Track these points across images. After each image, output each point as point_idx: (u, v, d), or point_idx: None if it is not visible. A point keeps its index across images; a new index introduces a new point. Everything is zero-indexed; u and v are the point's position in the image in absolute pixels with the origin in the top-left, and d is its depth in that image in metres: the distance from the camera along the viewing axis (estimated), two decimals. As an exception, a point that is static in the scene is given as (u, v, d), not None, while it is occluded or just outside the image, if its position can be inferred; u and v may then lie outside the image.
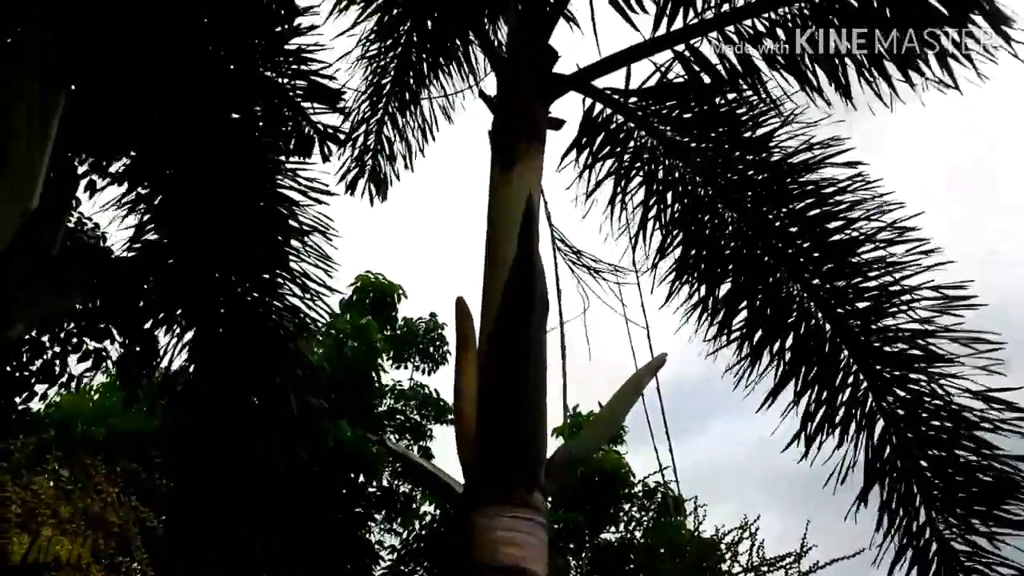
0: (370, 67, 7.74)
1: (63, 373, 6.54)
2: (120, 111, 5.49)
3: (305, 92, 5.70)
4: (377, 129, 8.14)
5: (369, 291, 15.65)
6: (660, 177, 6.26)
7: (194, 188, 5.98)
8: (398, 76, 7.74)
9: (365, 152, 8.19)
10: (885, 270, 5.37)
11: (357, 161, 8.20)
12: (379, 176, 8.31)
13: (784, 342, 5.82)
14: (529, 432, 4.16)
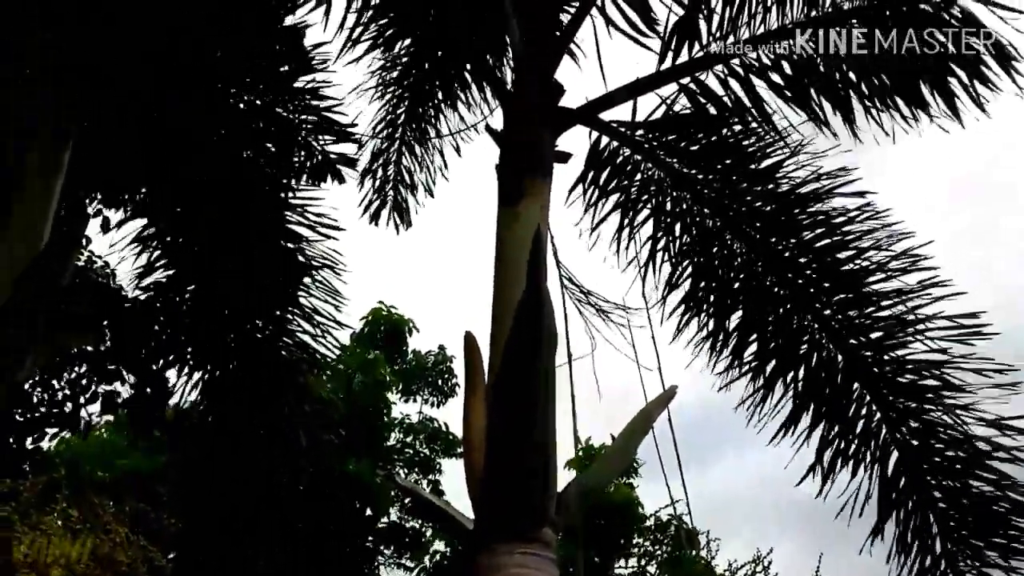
0: (385, 98, 7.79)
1: (74, 416, 6.53)
2: (130, 148, 5.52)
3: (315, 126, 5.75)
4: (396, 159, 8.19)
5: (380, 324, 15.66)
6: (668, 209, 6.25)
7: (204, 225, 6.00)
8: (412, 107, 7.79)
9: (386, 183, 8.26)
10: (896, 300, 5.35)
11: (378, 192, 8.27)
12: (401, 206, 8.36)
13: (796, 373, 5.80)
14: (539, 467, 4.13)
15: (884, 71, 5.41)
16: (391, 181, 8.24)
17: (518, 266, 4.67)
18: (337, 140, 5.87)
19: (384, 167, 8.18)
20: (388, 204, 8.30)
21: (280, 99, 5.65)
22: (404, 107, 7.78)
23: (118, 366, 6.37)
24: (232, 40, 5.27)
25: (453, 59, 7.22)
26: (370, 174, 8.15)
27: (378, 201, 8.27)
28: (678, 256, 6.29)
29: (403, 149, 8.12)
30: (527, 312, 4.43)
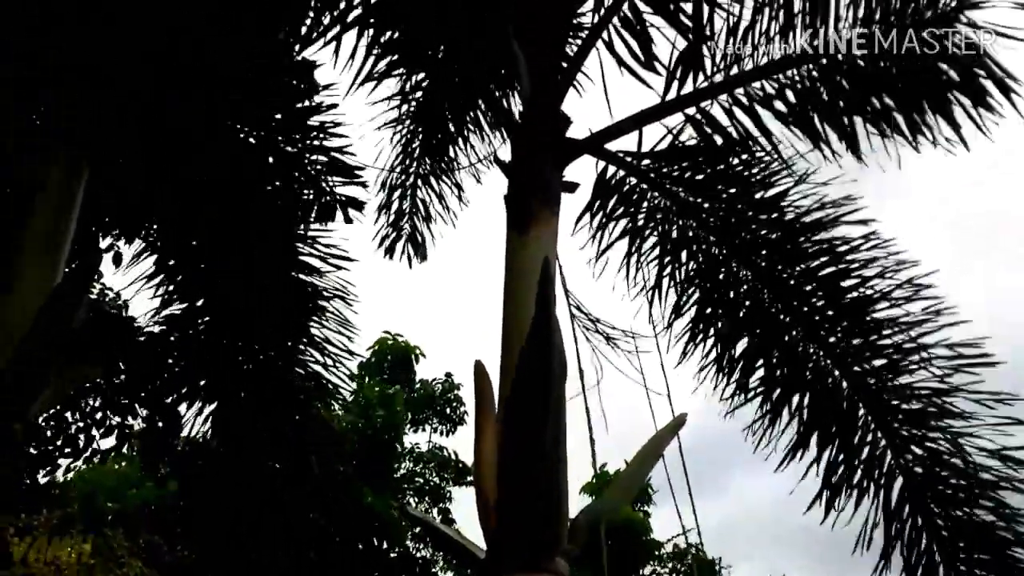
0: (399, 132, 7.88)
1: (87, 448, 6.57)
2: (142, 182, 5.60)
3: (326, 167, 5.83)
4: (411, 192, 8.27)
5: (387, 353, 15.69)
6: (674, 237, 6.30)
7: (216, 258, 6.06)
8: (426, 140, 7.88)
9: (401, 216, 8.34)
10: (901, 328, 5.39)
11: (394, 226, 8.34)
12: (416, 239, 8.44)
13: (802, 400, 5.83)
14: (551, 496, 4.15)
15: (888, 96, 5.47)
16: (406, 214, 8.31)
17: (527, 295, 4.71)
18: (346, 182, 5.95)
19: (400, 200, 8.26)
20: (403, 237, 8.38)
21: (291, 138, 5.74)
22: (419, 141, 7.87)
23: (131, 399, 6.43)
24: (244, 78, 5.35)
25: (463, 93, 7.30)
26: (385, 208, 8.25)
27: (393, 234, 8.35)
28: (684, 283, 6.34)
29: (418, 182, 8.20)
30: (537, 340, 4.47)
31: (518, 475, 4.21)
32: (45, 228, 4.72)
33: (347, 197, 5.96)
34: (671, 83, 5.76)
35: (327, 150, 5.87)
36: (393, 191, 8.23)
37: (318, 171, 5.86)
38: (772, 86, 5.65)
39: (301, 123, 5.73)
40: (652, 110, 5.71)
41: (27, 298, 4.52)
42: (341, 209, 5.91)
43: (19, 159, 4.95)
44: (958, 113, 5.31)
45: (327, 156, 5.86)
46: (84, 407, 6.57)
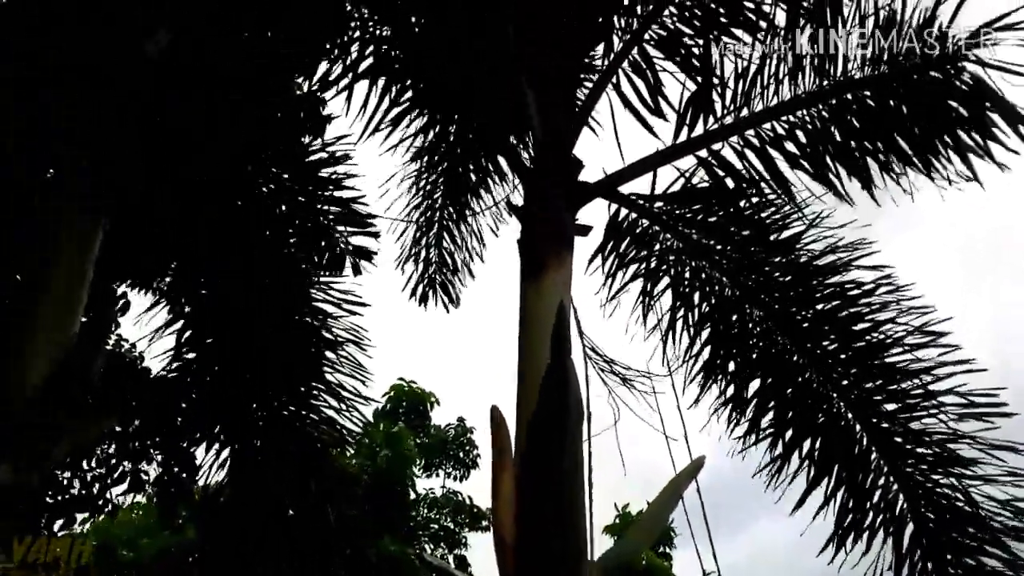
0: (420, 183, 7.95)
1: (100, 497, 6.56)
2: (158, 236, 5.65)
3: (338, 217, 5.88)
4: (437, 242, 8.32)
5: (402, 400, 15.67)
6: (687, 278, 6.31)
7: (231, 306, 6.09)
8: (447, 190, 7.94)
9: (428, 266, 8.39)
10: (914, 373, 5.38)
11: (423, 275, 8.40)
12: (447, 286, 8.49)
13: (814, 442, 5.81)
14: (570, 539, 4.14)
15: (899, 135, 5.49)
16: (433, 264, 8.37)
17: (542, 339, 4.73)
18: (359, 232, 6.01)
19: (427, 249, 8.32)
20: (434, 286, 8.44)
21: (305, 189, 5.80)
22: (440, 191, 7.94)
23: (145, 445, 6.43)
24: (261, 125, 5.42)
25: (478, 141, 7.36)
26: (412, 257, 8.31)
27: (424, 282, 8.40)
28: (697, 324, 6.33)
29: (443, 233, 8.26)
30: (553, 384, 4.48)
31: (536, 518, 4.19)
32: (63, 278, 4.75)
33: (356, 247, 6.01)
34: (682, 125, 5.80)
35: (340, 201, 5.93)
36: (419, 241, 8.29)
37: (330, 221, 5.91)
38: (783, 127, 5.68)
39: (314, 174, 5.79)
40: (663, 152, 5.75)
41: (44, 348, 4.54)
42: (351, 259, 5.96)
43: (35, 191, 5.00)
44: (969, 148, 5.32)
45: (340, 206, 5.92)
46: (99, 455, 6.57)
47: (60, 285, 4.73)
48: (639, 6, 6.05)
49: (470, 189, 7.93)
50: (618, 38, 6.16)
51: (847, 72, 5.47)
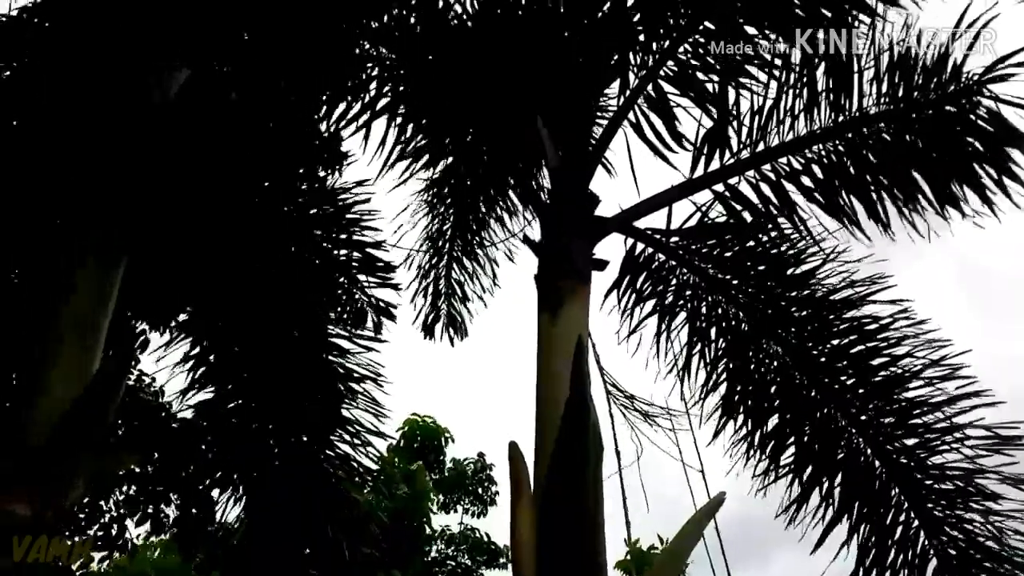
0: (432, 215, 7.99)
1: (120, 536, 6.56)
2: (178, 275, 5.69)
3: (359, 263, 5.91)
4: (446, 273, 8.34)
5: (416, 435, 15.62)
6: (703, 313, 6.29)
7: (248, 345, 6.11)
8: (457, 222, 7.97)
9: (438, 297, 8.40)
10: (933, 407, 5.35)
11: (432, 306, 8.40)
12: (455, 318, 8.49)
13: (834, 479, 5.76)
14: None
15: (915, 169, 5.50)
16: (442, 295, 8.38)
17: (561, 374, 4.72)
18: (379, 283, 6.04)
19: (435, 282, 8.34)
20: (442, 318, 8.44)
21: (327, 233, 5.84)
22: (450, 223, 7.98)
23: (165, 486, 6.43)
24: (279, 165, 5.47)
25: (493, 174, 7.40)
26: (422, 290, 8.33)
27: (432, 314, 8.41)
28: (715, 359, 6.30)
29: (452, 263, 8.28)
30: (572, 420, 4.46)
31: (556, 557, 4.16)
32: (82, 315, 4.78)
33: (379, 302, 6.04)
34: (698, 160, 5.83)
35: (360, 244, 5.96)
36: (428, 272, 8.32)
37: (351, 266, 5.94)
38: (799, 161, 5.70)
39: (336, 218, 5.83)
40: (680, 187, 5.78)
41: (64, 385, 4.56)
42: (373, 315, 5.98)
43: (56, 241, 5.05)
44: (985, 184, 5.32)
45: (360, 251, 5.95)
46: (118, 495, 6.57)
47: (79, 322, 4.76)
48: (655, 43, 6.09)
49: (481, 222, 7.96)
50: (634, 74, 6.19)
51: (862, 107, 5.50)
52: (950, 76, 5.24)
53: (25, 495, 4.17)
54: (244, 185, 5.44)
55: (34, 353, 4.69)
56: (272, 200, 5.70)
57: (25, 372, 4.68)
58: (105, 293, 4.88)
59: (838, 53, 5.47)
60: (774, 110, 5.66)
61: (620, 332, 6.54)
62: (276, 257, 5.78)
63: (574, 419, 4.45)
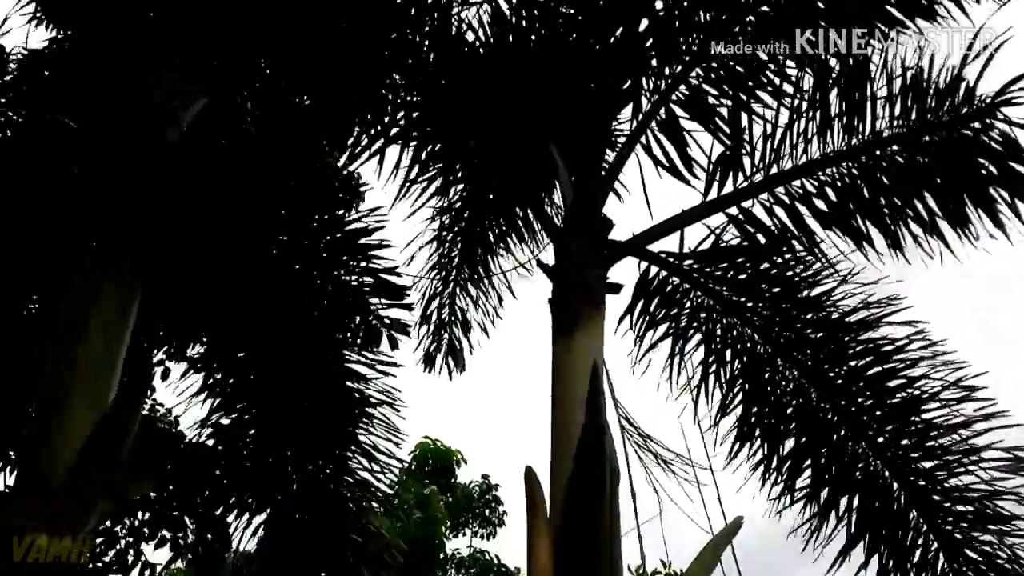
0: (439, 241, 7.99)
1: (136, 563, 6.56)
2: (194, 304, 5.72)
3: (372, 288, 5.93)
4: (451, 302, 8.32)
5: (428, 458, 15.58)
6: (718, 335, 6.28)
7: (265, 371, 6.13)
8: (465, 248, 7.97)
9: (441, 327, 8.36)
10: (950, 429, 5.34)
11: (434, 336, 8.36)
12: (456, 348, 8.45)
13: (851, 501, 5.74)
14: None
15: (928, 192, 5.50)
16: (445, 324, 8.36)
17: (575, 400, 4.73)
18: (392, 304, 6.06)
19: (439, 309, 8.31)
20: (443, 348, 8.41)
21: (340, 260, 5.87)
22: (458, 249, 7.98)
23: (181, 512, 6.43)
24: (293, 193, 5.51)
25: (505, 200, 7.42)
26: (425, 319, 8.30)
27: (433, 344, 8.39)
28: (729, 382, 6.29)
29: (457, 291, 8.27)
30: (588, 447, 4.46)
31: (575, 582, 4.15)
32: (99, 345, 4.80)
33: (392, 320, 6.05)
34: (711, 184, 5.84)
35: (374, 271, 5.98)
36: (431, 301, 8.29)
37: (364, 292, 5.96)
38: (812, 184, 5.70)
39: (350, 246, 5.86)
40: (693, 211, 5.80)
41: (81, 415, 4.58)
42: (387, 333, 6.00)
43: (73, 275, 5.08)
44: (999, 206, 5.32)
45: (373, 277, 5.97)
46: (133, 522, 6.57)
47: (96, 352, 4.78)
48: (667, 68, 6.13)
49: (490, 249, 7.97)
50: (646, 99, 6.23)
51: (876, 130, 5.50)
52: (963, 98, 5.25)
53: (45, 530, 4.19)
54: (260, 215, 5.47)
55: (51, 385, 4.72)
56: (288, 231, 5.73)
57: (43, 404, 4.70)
58: (122, 324, 4.90)
59: (851, 76, 5.49)
60: (787, 133, 5.67)
61: (634, 355, 6.53)
62: (290, 285, 5.81)
63: (590, 446, 4.46)
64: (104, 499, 4.60)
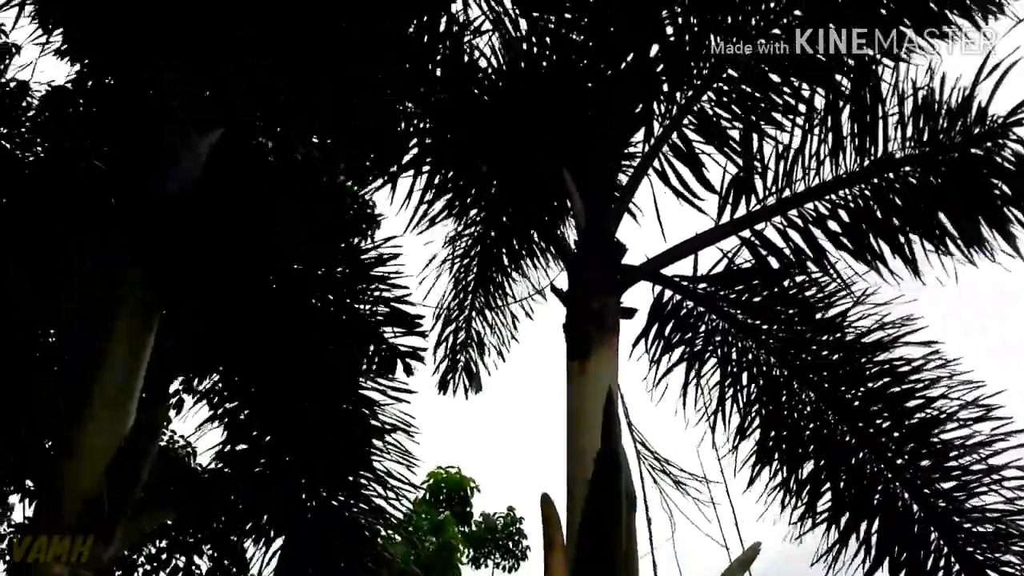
0: (455, 265, 8.00)
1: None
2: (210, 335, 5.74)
3: (386, 317, 5.94)
4: (467, 325, 8.31)
5: (442, 486, 15.48)
6: (734, 359, 6.25)
7: (278, 399, 6.13)
8: (481, 272, 7.98)
9: (457, 350, 8.35)
10: (970, 450, 5.30)
11: (450, 359, 8.35)
12: (472, 370, 8.44)
13: (871, 524, 5.69)
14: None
15: (942, 212, 5.49)
16: (461, 346, 8.35)
17: (591, 425, 4.72)
18: (407, 332, 6.06)
19: (455, 332, 8.31)
20: (459, 370, 8.39)
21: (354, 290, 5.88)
22: (473, 274, 7.99)
23: (197, 539, 6.43)
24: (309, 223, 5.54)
25: (518, 225, 7.43)
26: (443, 342, 8.30)
27: (449, 366, 8.37)
28: (746, 405, 6.26)
29: (473, 314, 8.27)
30: (604, 474, 4.43)
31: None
32: (117, 374, 4.84)
33: (407, 347, 6.05)
34: (724, 207, 5.84)
35: (388, 300, 5.99)
36: (447, 325, 8.29)
37: (378, 321, 5.97)
38: (825, 206, 5.70)
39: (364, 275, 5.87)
40: (706, 234, 5.80)
41: (99, 444, 4.60)
42: (401, 361, 6.00)
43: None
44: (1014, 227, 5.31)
45: (387, 306, 5.98)
46: (150, 549, 6.59)
47: (113, 383, 4.81)
48: (678, 93, 6.15)
49: (505, 273, 7.97)
50: (658, 123, 6.24)
51: (888, 151, 5.50)
52: (975, 119, 5.25)
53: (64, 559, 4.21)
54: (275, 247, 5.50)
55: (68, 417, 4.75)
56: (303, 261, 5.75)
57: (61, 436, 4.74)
58: (138, 355, 4.93)
59: (862, 98, 5.49)
60: (799, 156, 5.67)
61: (649, 379, 6.51)
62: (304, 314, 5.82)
63: (605, 473, 4.42)
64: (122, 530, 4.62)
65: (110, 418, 4.70)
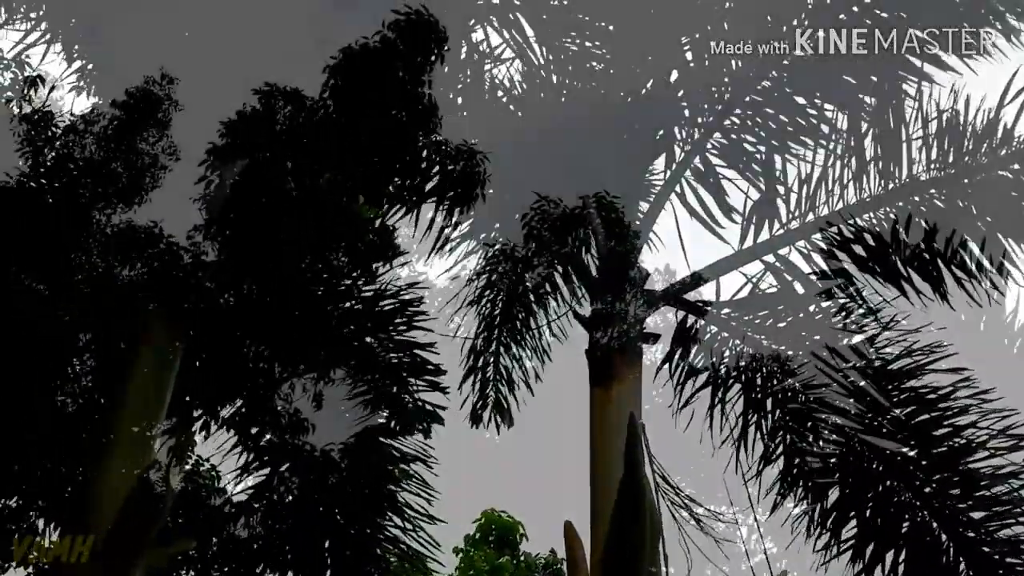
0: (481, 301, 7.96)
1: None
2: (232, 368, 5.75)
3: (408, 366, 5.92)
4: (495, 360, 8.24)
5: (492, 528, 15.38)
6: (758, 384, 6.19)
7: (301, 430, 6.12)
8: (506, 307, 7.93)
9: (486, 384, 8.26)
10: (1001, 479, 5.19)
11: (480, 394, 8.27)
12: (502, 405, 8.35)
13: (899, 554, 5.58)
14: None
15: (968, 235, 5.43)
16: (490, 382, 8.26)
17: (614, 450, 4.69)
18: (427, 387, 6.04)
19: (483, 368, 8.23)
20: (489, 405, 8.31)
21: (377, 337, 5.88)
22: (499, 308, 7.93)
23: (223, 573, 6.38)
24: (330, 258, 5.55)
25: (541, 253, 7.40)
26: (474, 371, 8.24)
27: (480, 402, 8.30)
28: (771, 431, 6.18)
29: (500, 349, 8.19)
30: (626, 502, 4.39)
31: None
32: (140, 405, 4.84)
33: (428, 407, 6.02)
34: (747, 231, 5.82)
35: (410, 346, 5.97)
36: (477, 358, 8.24)
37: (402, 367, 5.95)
38: (850, 230, 5.65)
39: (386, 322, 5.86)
40: (729, 259, 5.78)
41: (122, 473, 4.60)
42: (421, 422, 5.98)
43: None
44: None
45: (409, 354, 5.96)
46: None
47: (137, 412, 4.81)
48: (700, 117, 6.14)
49: (529, 305, 7.93)
50: (679, 148, 6.23)
51: (912, 174, 5.46)
52: (1001, 141, 5.21)
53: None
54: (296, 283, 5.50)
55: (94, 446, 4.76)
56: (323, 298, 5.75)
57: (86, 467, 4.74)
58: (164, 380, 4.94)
59: (886, 121, 5.46)
60: (823, 179, 5.64)
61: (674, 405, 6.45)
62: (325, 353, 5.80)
63: (628, 501, 4.38)
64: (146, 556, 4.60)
65: (135, 440, 4.70)
